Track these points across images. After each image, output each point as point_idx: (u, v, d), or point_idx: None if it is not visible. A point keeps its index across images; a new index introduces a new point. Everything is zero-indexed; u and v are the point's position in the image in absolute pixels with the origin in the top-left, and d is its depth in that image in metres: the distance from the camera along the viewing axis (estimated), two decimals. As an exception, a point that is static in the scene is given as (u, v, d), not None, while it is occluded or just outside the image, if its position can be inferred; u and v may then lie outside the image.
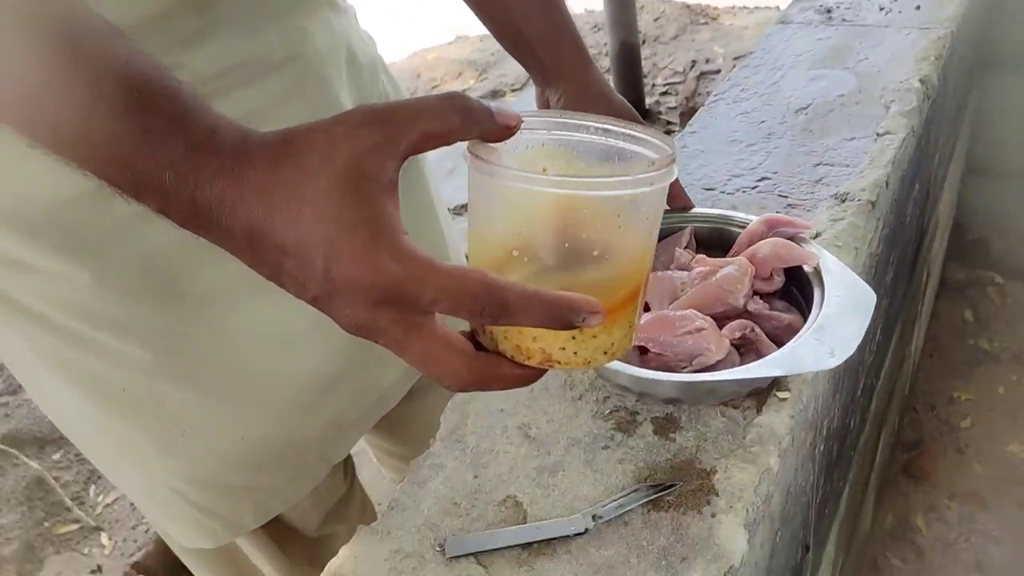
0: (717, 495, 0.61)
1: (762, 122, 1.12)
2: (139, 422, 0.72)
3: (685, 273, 0.73)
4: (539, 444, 0.68)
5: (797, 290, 0.74)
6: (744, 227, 0.78)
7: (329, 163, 0.37)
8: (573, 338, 0.42)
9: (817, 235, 0.86)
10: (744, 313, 0.70)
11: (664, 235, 0.80)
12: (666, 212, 0.82)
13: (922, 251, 1.55)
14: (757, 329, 0.68)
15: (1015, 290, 2.04)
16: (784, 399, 0.68)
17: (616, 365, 0.66)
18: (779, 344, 0.69)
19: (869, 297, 0.66)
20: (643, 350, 0.69)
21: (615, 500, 0.61)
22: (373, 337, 0.40)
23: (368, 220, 0.37)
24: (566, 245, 0.41)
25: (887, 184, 0.95)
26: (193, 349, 0.70)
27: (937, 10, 1.37)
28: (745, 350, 0.70)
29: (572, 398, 0.72)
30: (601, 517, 0.60)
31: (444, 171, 2.82)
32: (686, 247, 0.78)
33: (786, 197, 0.95)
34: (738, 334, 0.67)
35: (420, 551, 0.60)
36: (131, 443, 0.74)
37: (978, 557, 1.47)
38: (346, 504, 0.98)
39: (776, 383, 0.69)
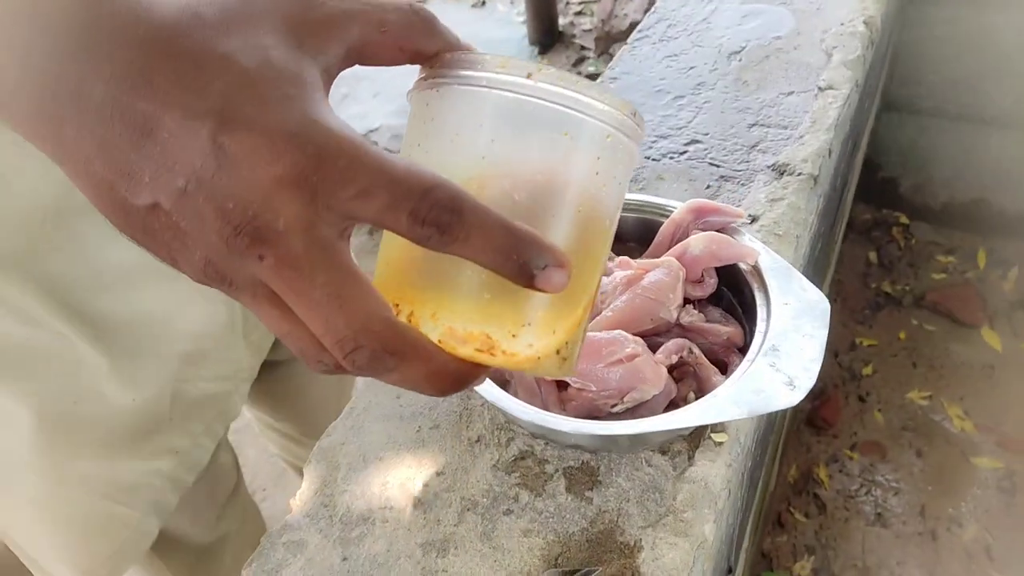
0: (644, 582, 0.50)
1: (691, 68, 0.98)
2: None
3: (605, 279, 0.59)
4: (426, 508, 0.55)
5: (727, 288, 0.62)
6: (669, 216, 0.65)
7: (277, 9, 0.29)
8: (528, 324, 0.32)
9: (753, 220, 0.73)
10: (676, 327, 0.57)
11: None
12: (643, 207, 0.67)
13: (843, 203, 1.48)
14: (696, 350, 0.56)
15: (920, 230, 2.03)
16: (720, 444, 0.57)
17: (518, 406, 0.53)
18: (716, 363, 0.57)
19: (822, 307, 0.54)
20: (561, 384, 0.55)
21: (519, 592, 0.49)
22: (254, 251, 0.27)
23: (299, 77, 0.28)
24: (538, 179, 0.33)
25: (829, 153, 0.83)
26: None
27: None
28: (680, 375, 0.58)
29: (469, 440, 0.58)
30: (501, 619, 0.48)
31: (338, 96, 2.55)
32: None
33: (719, 167, 0.81)
34: (675, 358, 0.55)
35: (267, 675, 0.47)
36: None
37: (878, 509, 1.48)
38: (235, 499, 0.84)
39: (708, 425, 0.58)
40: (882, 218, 2.08)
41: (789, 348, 0.52)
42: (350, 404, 0.62)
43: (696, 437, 0.57)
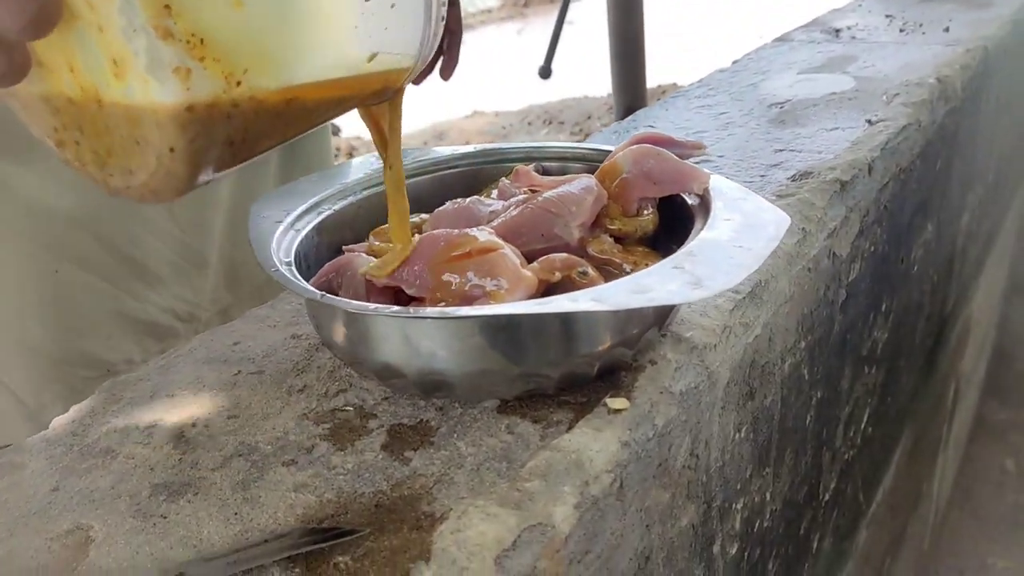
0: (427, 561, 0.31)
1: (723, 113, 0.86)
2: None
3: (499, 203, 0.45)
4: (188, 449, 0.40)
5: (673, 239, 0.45)
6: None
7: None
8: None
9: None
10: (580, 255, 0.42)
11: (488, 179, 0.53)
12: (497, 154, 0.55)
13: (943, 347, 1.23)
14: (592, 272, 0.39)
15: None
16: (619, 411, 0.38)
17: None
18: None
19: (778, 221, 0.37)
20: (398, 296, 0.41)
21: (239, 552, 0.32)
22: None
23: None
24: None
25: (870, 170, 0.67)
26: None
27: (971, 30, 1.11)
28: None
29: (290, 388, 0.44)
30: (191, 577, 0.31)
31: None
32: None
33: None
34: (558, 275, 0.39)
35: None
36: None
37: None
38: None
39: (611, 386, 0.40)
40: (1020, 420, 1.75)
41: (711, 255, 0.36)
42: (174, 349, 0.49)
43: (588, 406, 0.39)
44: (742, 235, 0.37)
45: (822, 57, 1.05)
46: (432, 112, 3.60)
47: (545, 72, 2.29)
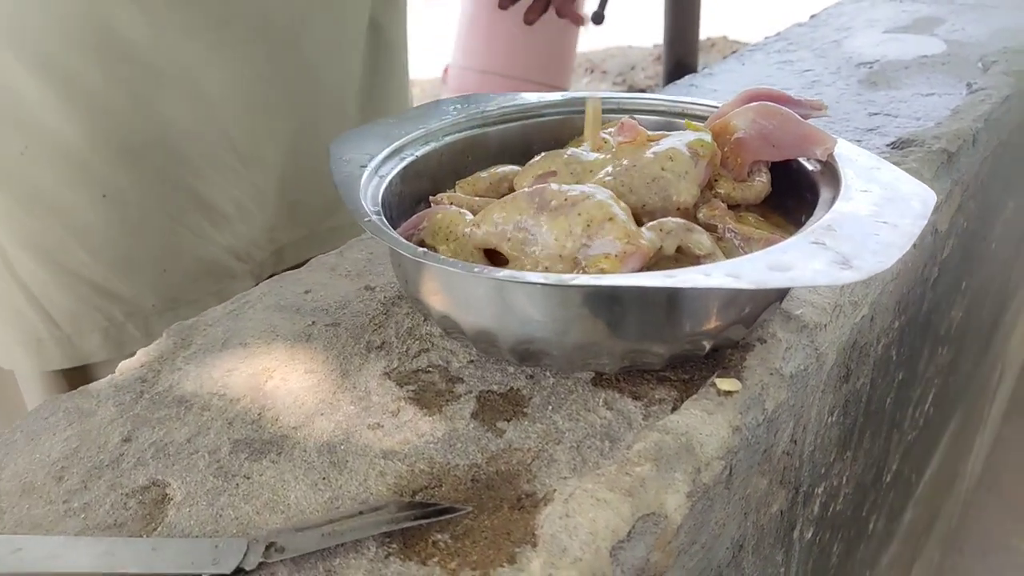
0: (534, 546, 0.29)
1: (807, 70, 0.81)
2: None
3: (595, 156, 0.42)
4: (267, 405, 0.37)
5: (794, 208, 0.42)
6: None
7: None
8: None
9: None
10: (689, 220, 0.38)
11: (577, 131, 0.49)
12: (585, 102, 0.51)
13: (999, 328, 1.19)
14: (708, 241, 0.36)
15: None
16: (728, 394, 0.36)
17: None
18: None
19: (923, 196, 0.34)
20: (494, 258, 0.38)
21: (333, 523, 0.30)
22: None
23: None
24: None
25: (974, 141, 0.62)
26: None
27: (1069, -6, 1.04)
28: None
29: (369, 344, 0.41)
30: (283, 550, 0.29)
31: None
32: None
33: (817, 143, 0.63)
34: (674, 241, 0.36)
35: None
36: None
37: None
38: None
39: (717, 364, 0.37)
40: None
41: (853, 230, 0.32)
42: (243, 293, 0.47)
43: (692, 384, 0.37)
44: (884, 209, 0.34)
45: (907, 17, 0.99)
46: (445, 60, 3.50)
47: (598, 18, 2.20)
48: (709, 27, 3.24)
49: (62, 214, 0.57)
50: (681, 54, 2.44)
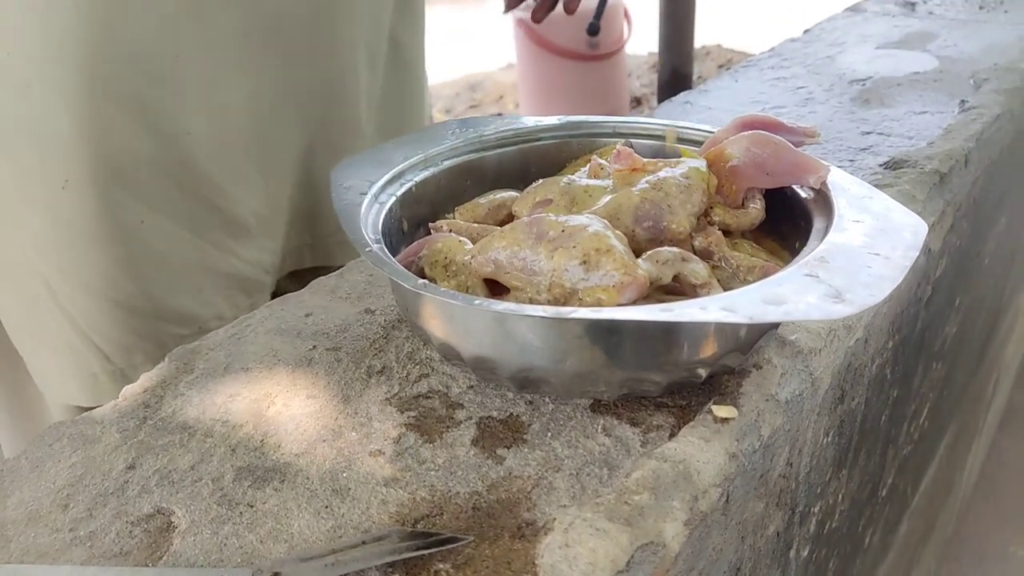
0: (535, 576, 0.29)
1: (801, 87, 0.82)
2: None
3: (591, 181, 0.42)
4: (269, 431, 0.38)
5: (787, 234, 0.43)
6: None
7: None
8: None
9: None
10: (684, 248, 0.39)
11: (574, 155, 0.50)
12: (584, 127, 0.51)
13: (994, 339, 1.20)
14: (705, 271, 0.37)
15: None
16: (726, 420, 0.36)
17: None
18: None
19: (915, 227, 0.35)
20: (493, 287, 0.38)
21: (336, 553, 0.30)
22: None
23: None
24: None
25: (966, 161, 0.63)
26: None
27: (1059, 10, 1.05)
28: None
29: (370, 369, 0.42)
30: (287, 578, 0.29)
31: None
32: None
33: (811, 163, 0.64)
34: (670, 273, 0.36)
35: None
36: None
37: None
38: None
39: (714, 391, 0.38)
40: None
41: (845, 263, 0.33)
42: (245, 316, 0.47)
43: (689, 410, 0.37)
44: (877, 240, 0.34)
45: (899, 32, 1.00)
46: (467, 63, 3.51)
47: (593, 29, 2.23)
48: (704, 35, 3.26)
49: (105, 244, 0.57)
50: (676, 62, 2.45)
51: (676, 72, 2.46)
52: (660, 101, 2.43)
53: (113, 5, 0.52)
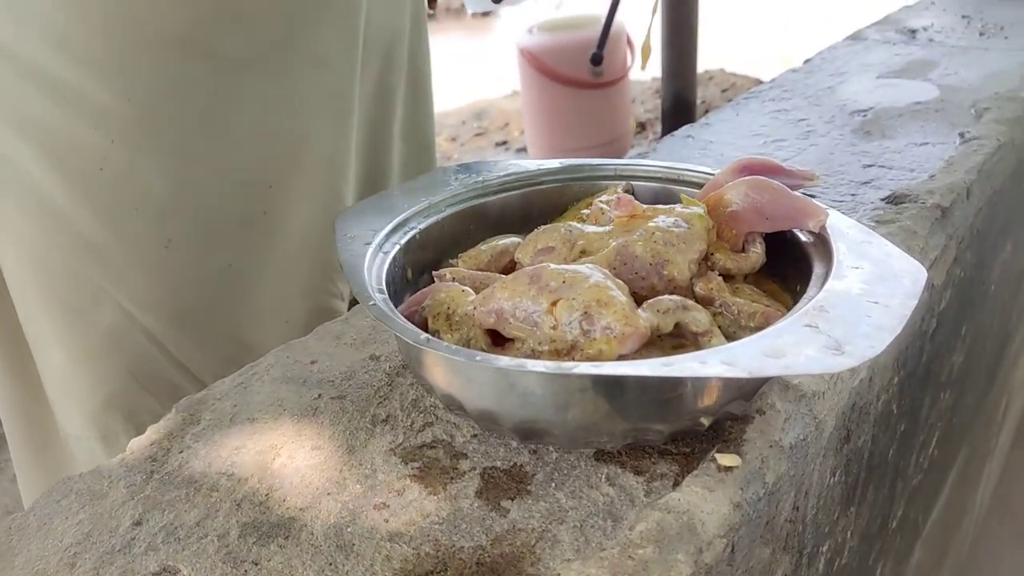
0: (540, 635, 0.29)
1: (802, 119, 0.82)
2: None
3: (592, 228, 0.43)
4: (274, 485, 0.38)
5: (788, 275, 0.43)
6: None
7: None
8: None
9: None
10: (685, 294, 0.39)
11: (575, 198, 0.50)
12: (585, 170, 0.52)
13: (1003, 362, 1.19)
14: (707, 320, 0.37)
15: None
16: (729, 469, 0.36)
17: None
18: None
19: (915, 274, 0.35)
20: (495, 337, 0.39)
21: (340, 609, 0.30)
22: None
23: None
24: None
25: (968, 194, 0.63)
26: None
27: (1058, 35, 1.05)
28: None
29: (374, 418, 0.42)
30: (292, 640, 0.29)
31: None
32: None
33: (813, 197, 0.64)
34: (670, 322, 0.36)
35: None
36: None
37: None
38: None
39: (717, 437, 0.38)
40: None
41: (845, 312, 0.33)
42: (251, 363, 0.48)
43: (693, 458, 0.37)
44: (875, 288, 0.35)
45: (900, 60, 1.01)
46: (472, 91, 3.55)
47: (596, 59, 2.25)
48: (707, 60, 3.29)
49: (199, 275, 0.59)
50: (679, 88, 2.47)
51: (679, 97, 2.48)
52: (663, 128, 2.45)
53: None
